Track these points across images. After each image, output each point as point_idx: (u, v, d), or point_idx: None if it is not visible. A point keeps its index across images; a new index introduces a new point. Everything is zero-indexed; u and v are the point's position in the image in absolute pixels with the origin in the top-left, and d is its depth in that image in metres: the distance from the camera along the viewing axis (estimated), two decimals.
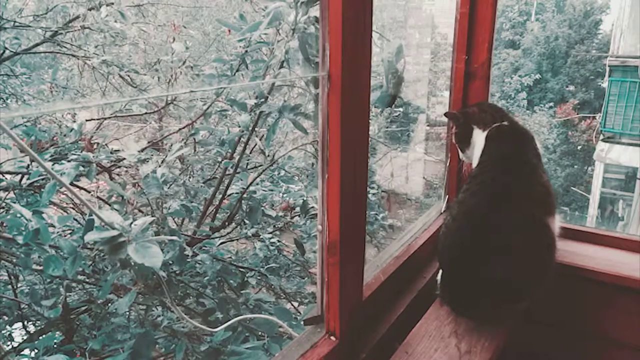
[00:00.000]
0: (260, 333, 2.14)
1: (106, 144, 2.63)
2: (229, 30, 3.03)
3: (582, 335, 1.50)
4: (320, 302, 1.08)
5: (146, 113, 3.68)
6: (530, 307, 1.35)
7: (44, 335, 2.10)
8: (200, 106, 3.00)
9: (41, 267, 1.87)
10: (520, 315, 1.35)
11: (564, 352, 1.54)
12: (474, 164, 1.40)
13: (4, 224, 2.15)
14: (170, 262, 2.14)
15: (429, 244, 1.54)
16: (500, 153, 1.32)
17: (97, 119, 3.56)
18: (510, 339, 1.25)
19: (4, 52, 3.04)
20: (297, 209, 2.91)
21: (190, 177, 3.00)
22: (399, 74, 1.89)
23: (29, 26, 3.31)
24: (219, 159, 2.87)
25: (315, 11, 2.00)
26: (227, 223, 2.82)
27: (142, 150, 2.67)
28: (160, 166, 2.13)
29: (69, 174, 1.79)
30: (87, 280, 2.38)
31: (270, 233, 3.00)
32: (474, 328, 1.21)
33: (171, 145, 2.64)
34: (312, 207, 2.70)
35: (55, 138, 2.47)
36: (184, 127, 3.12)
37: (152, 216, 2.17)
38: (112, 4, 3.31)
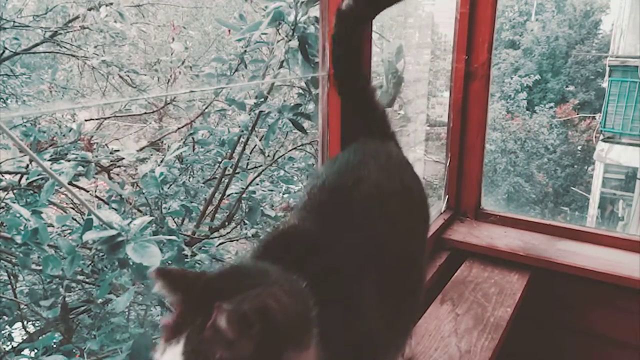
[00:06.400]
0: None
1: (106, 144, 2.63)
2: (229, 30, 3.03)
3: (583, 335, 1.50)
4: None
5: (145, 113, 3.68)
6: (531, 307, 1.35)
7: (43, 335, 2.10)
8: (199, 106, 3.00)
9: (40, 267, 1.87)
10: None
11: (564, 352, 1.53)
12: None
13: (3, 224, 2.15)
14: (169, 261, 2.14)
15: (429, 243, 1.54)
16: None
17: (97, 119, 3.56)
18: (510, 339, 1.24)
19: (4, 52, 3.03)
20: None
21: (190, 177, 2.99)
22: (399, 74, 1.89)
23: (29, 26, 3.31)
24: (219, 159, 2.86)
25: (315, 11, 2.00)
26: (226, 223, 2.82)
27: (141, 149, 2.67)
28: (159, 165, 2.13)
29: (67, 173, 1.79)
30: (86, 280, 2.37)
31: None
32: (473, 327, 1.21)
33: (170, 145, 2.64)
34: None
35: (54, 138, 2.48)
36: (182, 127, 3.12)
37: (151, 216, 2.16)
38: (112, 4, 3.31)
